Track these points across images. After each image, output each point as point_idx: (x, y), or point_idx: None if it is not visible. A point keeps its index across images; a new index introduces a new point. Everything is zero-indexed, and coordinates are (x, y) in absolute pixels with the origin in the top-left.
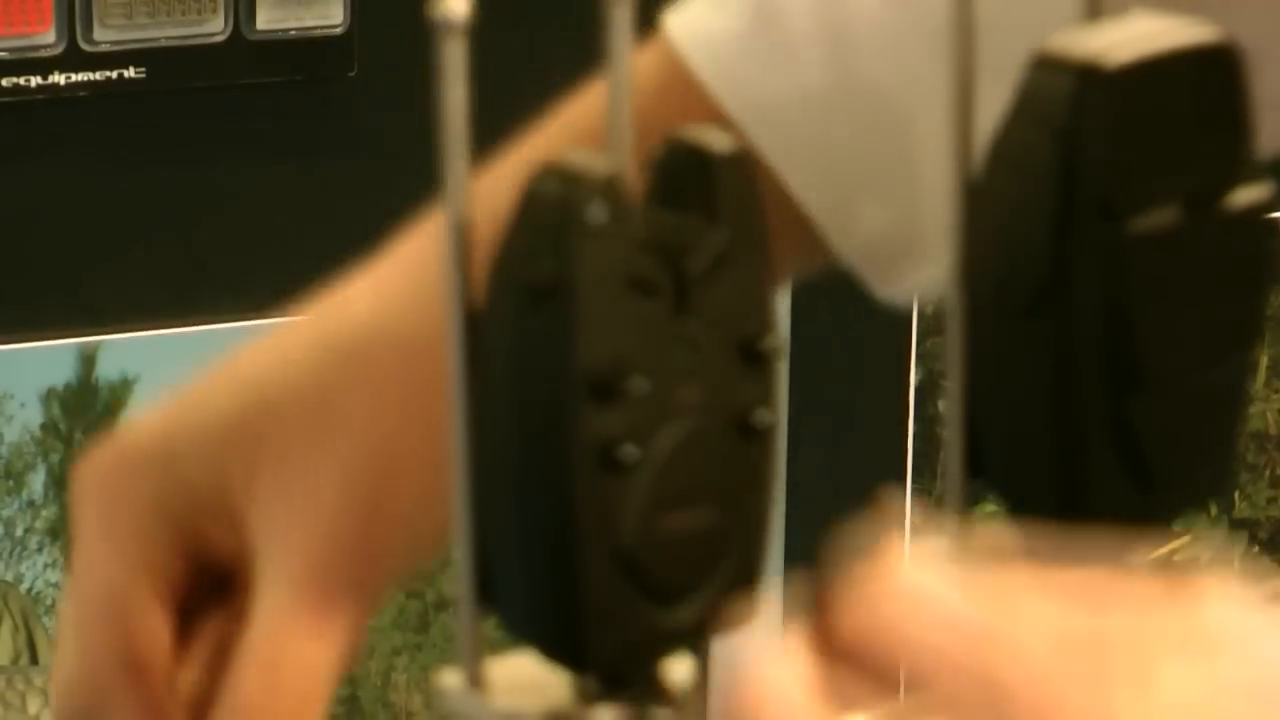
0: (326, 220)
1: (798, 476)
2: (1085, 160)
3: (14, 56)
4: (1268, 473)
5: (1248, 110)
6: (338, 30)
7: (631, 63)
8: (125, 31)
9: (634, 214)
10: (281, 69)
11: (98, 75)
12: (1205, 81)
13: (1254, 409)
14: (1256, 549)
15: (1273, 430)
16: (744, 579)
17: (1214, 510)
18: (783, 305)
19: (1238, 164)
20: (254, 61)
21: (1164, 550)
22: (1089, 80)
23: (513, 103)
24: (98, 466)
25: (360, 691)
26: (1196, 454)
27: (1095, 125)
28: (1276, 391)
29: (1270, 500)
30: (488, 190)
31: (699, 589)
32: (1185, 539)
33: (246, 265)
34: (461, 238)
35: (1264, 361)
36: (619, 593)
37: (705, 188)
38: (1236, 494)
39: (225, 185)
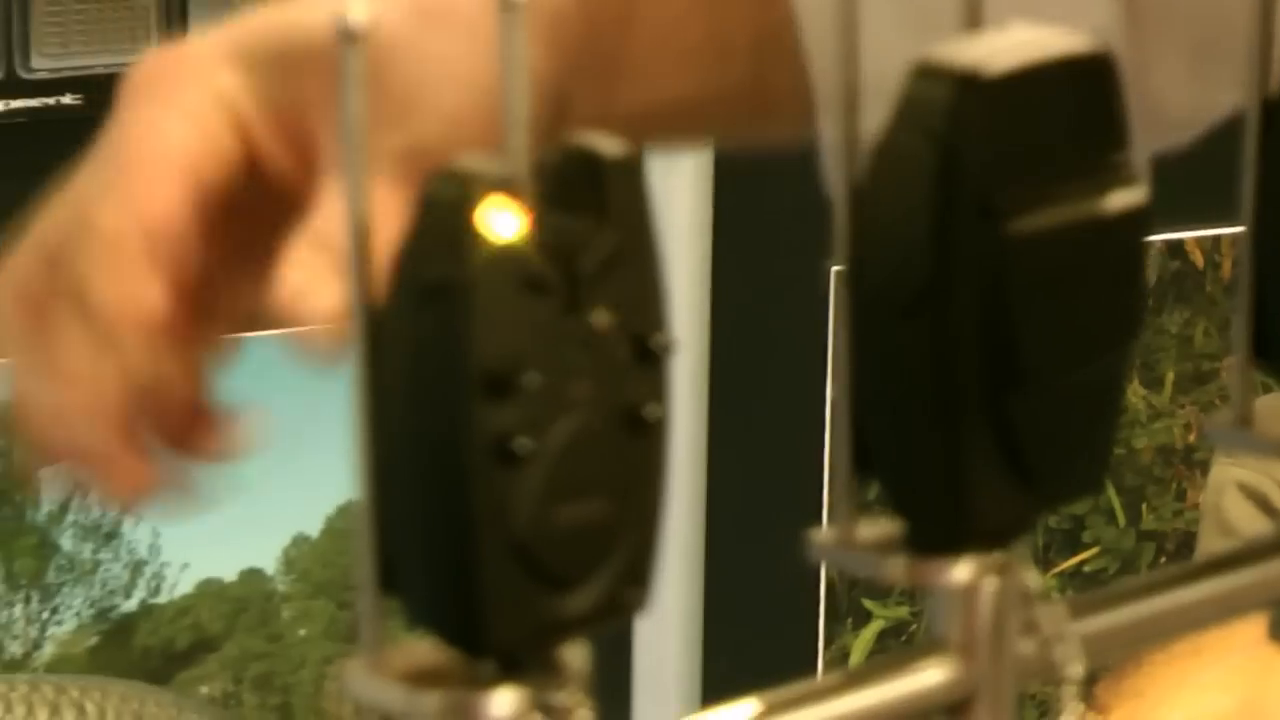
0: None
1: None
2: (963, 165)
3: None
4: (1174, 486)
5: (1122, 116)
6: None
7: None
8: (61, 60)
9: (527, 216)
10: None
11: (35, 102)
12: (1081, 89)
13: (1160, 424)
14: (1163, 560)
15: (1178, 445)
16: (636, 568)
17: (1122, 522)
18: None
19: (1113, 168)
20: None
21: (1074, 561)
22: (967, 88)
23: None
24: (161, 60)
25: (293, 699)
26: (1074, 450)
27: (973, 131)
28: (1182, 408)
29: (1176, 513)
30: None
31: (592, 577)
32: (1095, 550)
33: None
34: (363, 239)
35: (1170, 378)
36: (515, 581)
37: (597, 190)
38: (1144, 506)
39: None
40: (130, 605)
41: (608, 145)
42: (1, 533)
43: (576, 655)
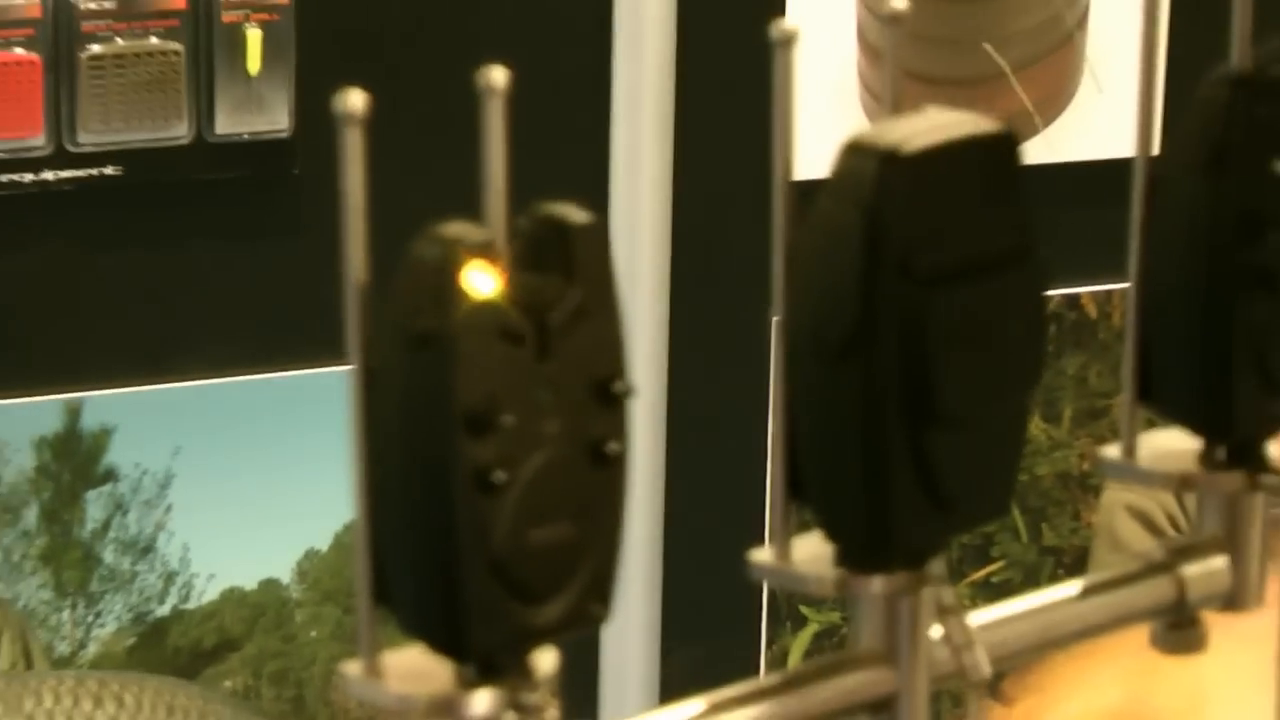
0: (273, 293)
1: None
2: (886, 230)
3: (10, 156)
4: (1071, 508)
5: (1023, 186)
6: (284, 134)
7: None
8: (104, 135)
9: (503, 275)
10: (236, 166)
11: (81, 172)
12: (988, 163)
13: (1059, 454)
14: (1061, 572)
15: (1075, 472)
16: (600, 583)
17: (1026, 539)
18: (662, 357)
19: (1018, 231)
20: (213, 160)
21: (983, 573)
22: (888, 163)
23: (406, 185)
24: None
25: (305, 692)
26: (983, 479)
27: (894, 201)
28: (1078, 440)
29: (1073, 531)
30: None
31: (560, 592)
32: (1001, 564)
33: (207, 332)
34: (364, 299)
35: (1068, 414)
36: (492, 595)
37: (564, 253)
38: (1045, 525)
39: (189, 264)
40: (163, 610)
41: (574, 213)
42: (51, 548)
43: (547, 660)
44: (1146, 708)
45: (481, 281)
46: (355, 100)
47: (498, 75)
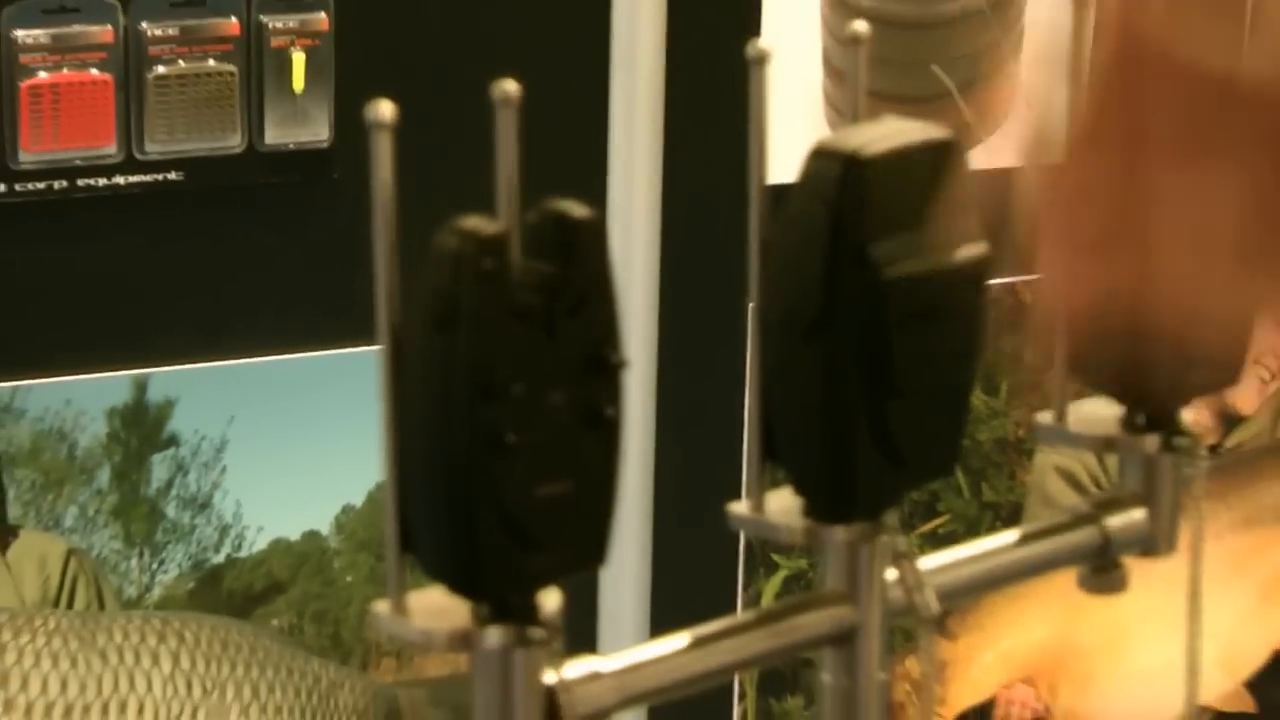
0: (315, 283)
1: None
2: (847, 225)
3: (86, 163)
4: (1006, 469)
5: (970, 187)
6: (324, 144)
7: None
8: (168, 145)
9: (514, 262)
10: (283, 173)
11: (148, 177)
12: (938, 166)
13: (997, 422)
14: (999, 524)
15: (1011, 437)
16: (597, 532)
17: (968, 496)
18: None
19: (964, 227)
20: (263, 167)
21: (931, 525)
22: (850, 165)
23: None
24: None
25: (342, 630)
26: (932, 443)
27: (855, 199)
28: (1015, 409)
29: (1009, 488)
30: None
31: (562, 540)
32: (947, 517)
33: (257, 316)
34: (393, 285)
35: (1005, 387)
36: (503, 543)
37: (567, 244)
38: (984, 484)
39: (242, 257)
40: (218, 559)
41: (576, 209)
42: (120, 504)
43: (551, 599)
44: (1072, 642)
45: (494, 268)
46: (384, 111)
47: (510, 88)
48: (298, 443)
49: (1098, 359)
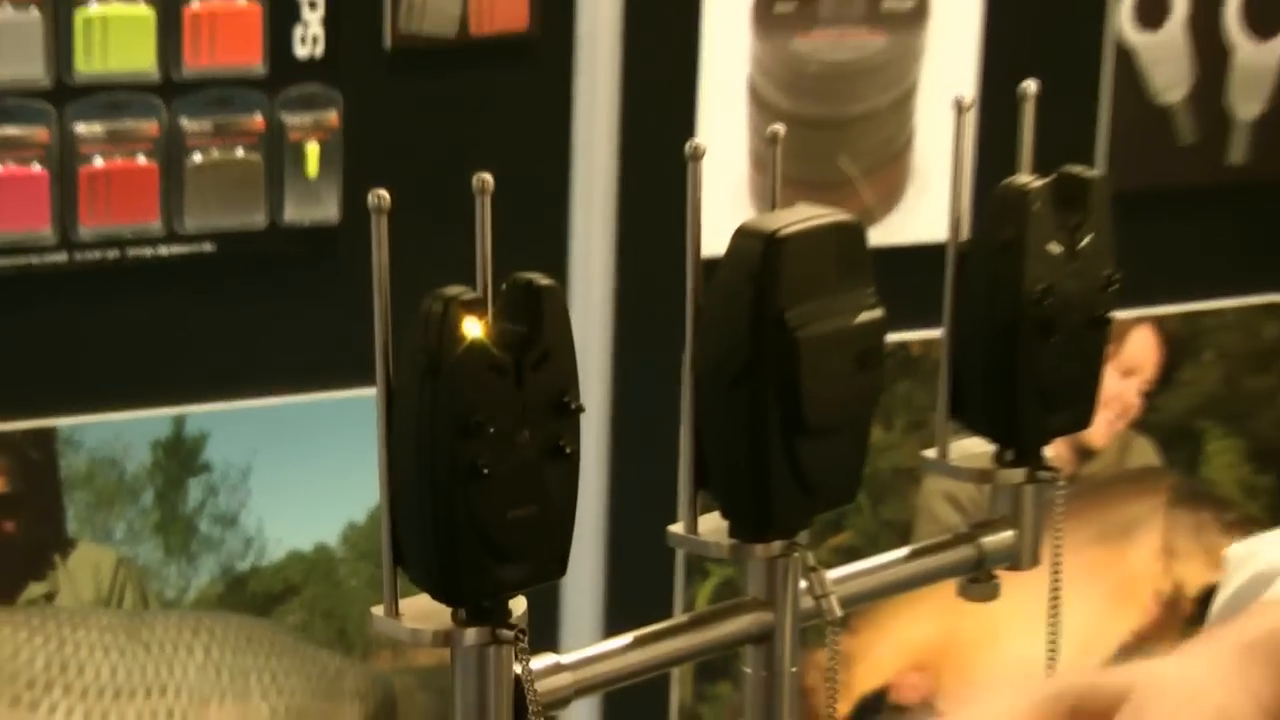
0: (324, 338)
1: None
2: (767, 293)
3: (134, 236)
4: (900, 493)
5: (868, 262)
6: (334, 222)
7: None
8: (203, 221)
9: (489, 324)
10: (299, 246)
11: (186, 248)
12: (842, 244)
13: (892, 454)
14: (894, 540)
15: (903, 467)
16: (558, 549)
17: (868, 515)
18: (606, 381)
19: (864, 294)
20: (283, 241)
21: (836, 540)
22: (770, 243)
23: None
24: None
25: (347, 625)
26: (838, 474)
27: (773, 272)
28: (908, 439)
29: (902, 510)
30: None
31: (529, 555)
32: (850, 533)
33: (274, 365)
34: (387, 341)
35: (899, 424)
36: (479, 557)
37: (534, 309)
38: (882, 505)
39: (264, 315)
40: (244, 566)
41: (541, 280)
42: (162, 520)
43: (519, 605)
44: (955, 636)
45: (472, 328)
46: (382, 197)
47: (486, 178)
48: (310, 470)
49: (975, 404)
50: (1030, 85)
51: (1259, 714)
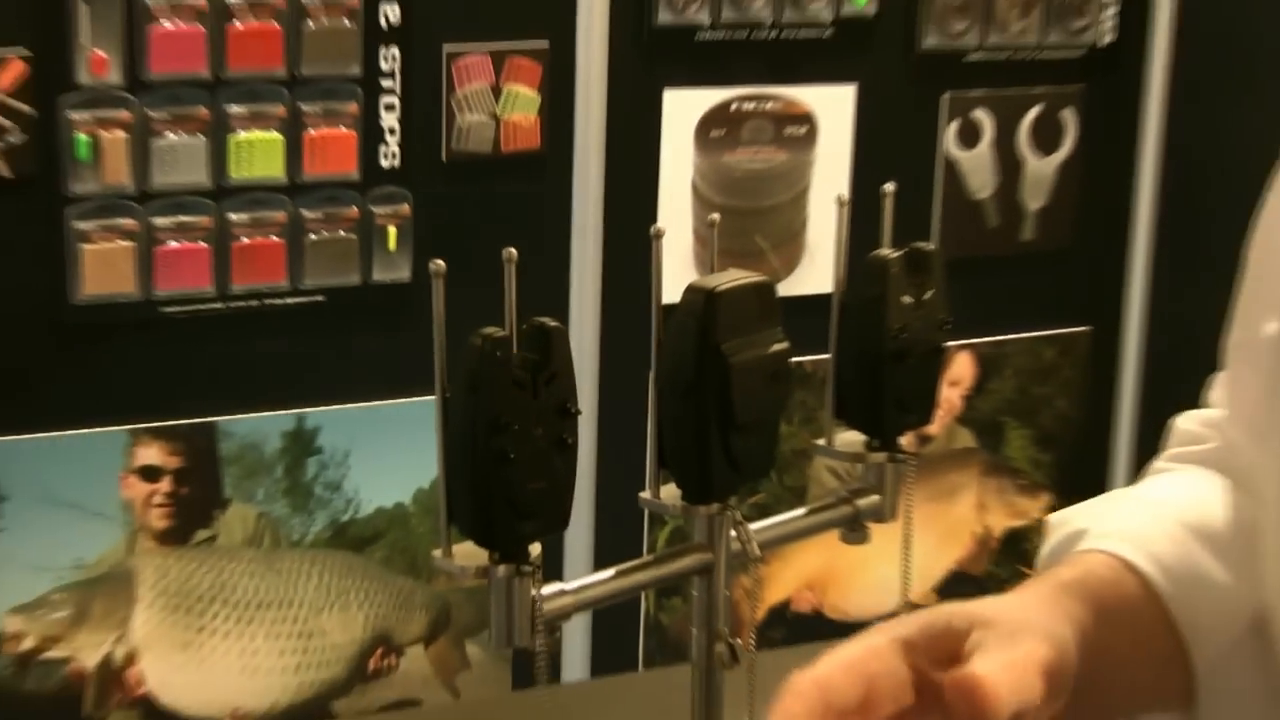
0: (401, 360)
1: (602, 466)
2: (708, 332)
3: (268, 290)
4: (799, 467)
5: (777, 308)
6: (407, 281)
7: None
8: (317, 280)
9: (515, 352)
10: (383, 299)
11: (304, 299)
12: (759, 296)
13: (794, 439)
14: (795, 500)
15: (800, 448)
16: (562, 510)
17: (776, 483)
18: (595, 393)
19: (774, 330)
20: (372, 296)
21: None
22: (709, 297)
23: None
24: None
25: (417, 559)
26: (757, 457)
27: (712, 316)
28: (803, 430)
29: (800, 478)
30: None
31: (541, 514)
32: (764, 494)
33: (364, 381)
34: (444, 365)
35: (796, 418)
36: (508, 516)
37: (546, 343)
38: (786, 476)
39: (361, 345)
40: (345, 518)
41: (551, 323)
42: (289, 488)
43: (535, 549)
44: (836, 565)
45: (503, 355)
46: (439, 266)
47: (512, 252)
48: (391, 452)
49: (853, 407)
50: (888, 187)
51: (1073, 632)
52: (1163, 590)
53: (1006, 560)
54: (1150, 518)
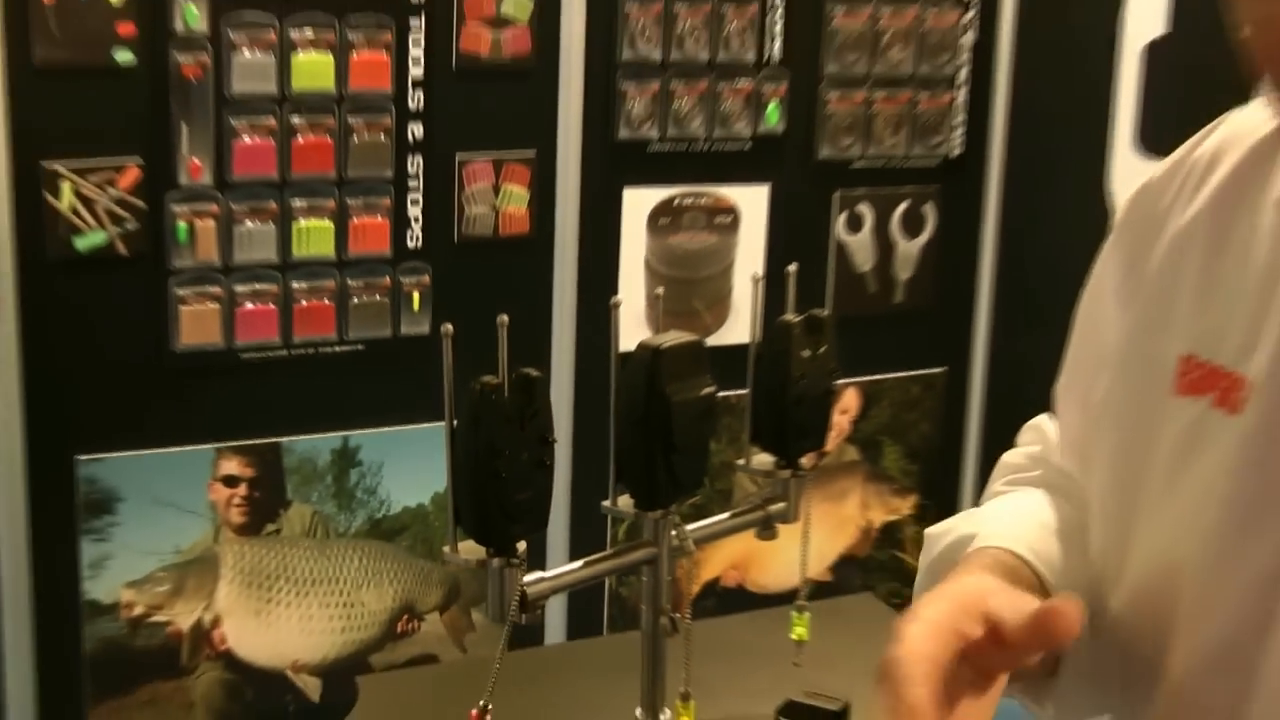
0: (423, 394)
1: (576, 481)
2: (655, 379)
3: (319, 338)
4: (726, 478)
5: (707, 359)
6: (426, 334)
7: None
8: (359, 333)
9: (505, 396)
10: (408, 351)
11: (346, 348)
12: (694, 351)
13: (720, 455)
14: (724, 504)
15: (727, 461)
16: (542, 515)
17: (708, 488)
18: (569, 426)
19: (704, 376)
20: (400, 348)
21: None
22: (655, 353)
23: (469, 360)
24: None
25: (434, 548)
26: (692, 471)
27: (657, 367)
28: (729, 448)
29: (726, 485)
30: None
31: (528, 517)
32: (699, 497)
33: (397, 408)
34: (453, 402)
35: (724, 440)
36: (500, 519)
37: (529, 390)
38: (715, 483)
39: (392, 383)
40: (380, 515)
41: (534, 373)
42: (336, 491)
43: (521, 546)
44: (754, 551)
45: (498, 398)
46: (448, 328)
47: (504, 319)
48: (415, 465)
49: (766, 434)
50: (791, 268)
51: (1026, 592)
52: (1045, 577)
53: (883, 546)
54: (1022, 523)
